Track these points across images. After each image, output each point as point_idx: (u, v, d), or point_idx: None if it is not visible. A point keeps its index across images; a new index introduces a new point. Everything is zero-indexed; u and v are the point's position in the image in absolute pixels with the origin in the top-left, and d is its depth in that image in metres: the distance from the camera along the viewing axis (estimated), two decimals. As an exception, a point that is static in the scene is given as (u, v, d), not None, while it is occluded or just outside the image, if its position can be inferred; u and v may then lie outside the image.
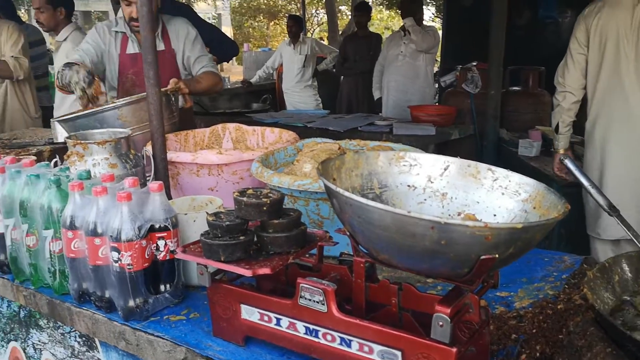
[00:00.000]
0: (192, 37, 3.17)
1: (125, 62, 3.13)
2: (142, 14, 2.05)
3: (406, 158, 1.36)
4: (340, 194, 1.05)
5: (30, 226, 1.73)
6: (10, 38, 4.03)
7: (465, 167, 1.33)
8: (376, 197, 1.31)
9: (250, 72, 9.00)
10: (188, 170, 2.24)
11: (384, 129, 4.47)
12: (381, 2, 22.52)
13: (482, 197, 1.30)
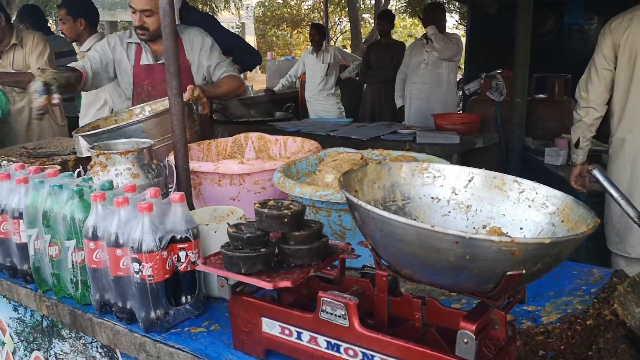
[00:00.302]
0: (207, 46, 3.15)
1: (139, 73, 3.13)
2: (164, 24, 2.05)
3: (430, 169, 1.34)
4: (362, 207, 1.03)
5: (53, 236, 1.73)
6: (35, 49, 4.07)
7: (491, 178, 1.31)
8: (399, 209, 1.29)
9: (273, 80, 9.03)
10: (210, 180, 2.23)
11: (407, 138, 4.43)
12: (404, 9, 22.46)
13: (508, 209, 1.27)
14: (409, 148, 4.28)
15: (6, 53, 4.05)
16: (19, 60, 4.07)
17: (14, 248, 1.90)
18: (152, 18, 2.92)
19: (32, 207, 1.78)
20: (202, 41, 3.14)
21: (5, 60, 4.05)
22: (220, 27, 4.04)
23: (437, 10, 5.73)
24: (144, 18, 2.93)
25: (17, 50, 4.07)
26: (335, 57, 7.33)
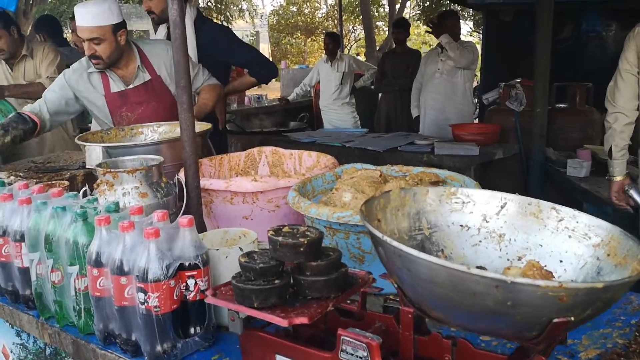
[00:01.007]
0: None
1: (113, 101, 2.99)
2: (175, 36, 1.96)
3: (458, 194, 1.23)
4: (387, 243, 0.92)
5: (56, 261, 1.64)
6: (45, 58, 4.02)
7: (525, 205, 1.20)
8: (425, 239, 1.18)
9: (287, 89, 8.95)
10: (222, 198, 2.14)
11: (425, 149, 4.31)
12: (418, 17, 22.37)
13: (546, 239, 1.16)
14: (427, 159, 4.17)
15: (17, 65, 4.02)
16: (30, 71, 4.03)
17: (15, 272, 1.81)
18: (102, 46, 2.78)
19: (34, 230, 1.69)
20: (168, 55, 2.99)
21: (17, 72, 4.01)
22: (236, 39, 3.95)
23: (449, 18, 5.60)
24: (93, 46, 2.79)
25: (27, 61, 4.03)
26: (350, 66, 7.23)
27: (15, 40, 3.91)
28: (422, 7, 21.75)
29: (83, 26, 2.77)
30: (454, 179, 2.06)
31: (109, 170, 1.91)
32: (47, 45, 4.17)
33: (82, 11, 2.78)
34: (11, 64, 3.99)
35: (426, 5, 21.02)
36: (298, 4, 26.42)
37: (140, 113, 2.96)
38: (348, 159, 4.48)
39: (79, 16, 2.78)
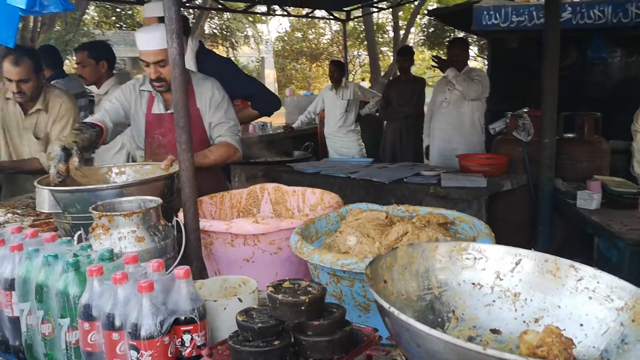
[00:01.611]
0: (216, 100, 2.99)
1: (151, 122, 3.00)
2: (174, 75, 1.92)
3: (469, 250, 1.15)
4: (394, 315, 0.85)
5: (46, 312, 1.56)
6: (59, 120, 3.70)
7: (542, 262, 1.12)
8: (435, 299, 1.11)
9: (292, 116, 8.93)
10: (222, 240, 2.07)
11: (432, 181, 4.23)
12: (423, 42, 22.47)
13: (565, 300, 1.08)
14: (433, 192, 4.09)
15: (30, 115, 3.70)
16: (41, 126, 3.72)
17: (6, 321, 1.73)
18: (167, 68, 2.74)
19: (24, 279, 1.62)
20: (211, 94, 2.97)
21: (29, 121, 3.71)
22: (238, 71, 3.91)
23: (456, 46, 5.52)
24: (159, 69, 2.78)
25: (41, 114, 3.70)
26: (355, 94, 7.20)
27: (39, 88, 3.62)
28: (426, 33, 21.85)
29: (148, 50, 2.76)
30: (462, 220, 1.98)
31: (105, 213, 1.84)
32: (65, 101, 3.77)
33: (146, 36, 2.75)
34: (25, 110, 3.69)
35: (430, 31, 21.11)
36: (303, 30, 26.60)
37: (171, 139, 2.89)
38: (353, 190, 4.45)
39: (143, 41, 2.76)
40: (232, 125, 3.03)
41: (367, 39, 16.35)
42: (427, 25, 21.31)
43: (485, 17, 7.34)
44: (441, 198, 4.05)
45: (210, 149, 2.97)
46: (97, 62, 4.27)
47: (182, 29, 1.90)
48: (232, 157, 3.04)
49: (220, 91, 3.01)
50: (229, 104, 3.06)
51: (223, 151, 2.98)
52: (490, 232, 1.76)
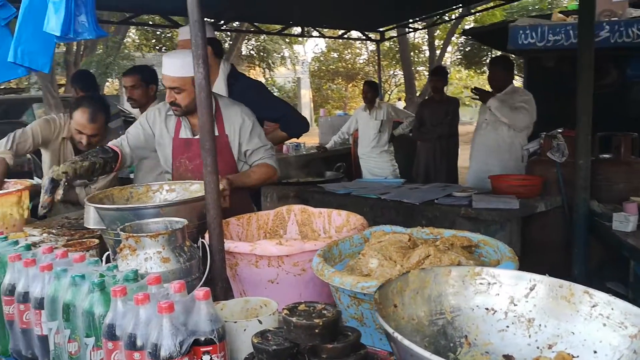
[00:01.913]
0: (248, 127, 3.03)
1: (178, 147, 3.05)
2: (200, 99, 1.96)
3: (483, 275, 1.15)
4: (398, 341, 0.85)
5: (73, 331, 1.61)
6: None
7: (556, 287, 1.11)
8: (447, 323, 1.11)
9: (326, 137, 8.98)
10: (247, 261, 2.09)
11: (463, 202, 4.20)
12: (459, 62, 22.39)
13: (579, 327, 1.07)
14: (464, 213, 4.06)
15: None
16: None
17: (35, 339, 1.79)
18: (182, 95, 2.84)
19: (53, 298, 1.67)
20: (241, 121, 3.02)
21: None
22: (268, 94, 3.97)
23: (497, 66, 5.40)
24: (174, 94, 2.86)
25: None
26: (389, 114, 7.23)
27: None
28: (463, 52, 21.77)
29: (166, 75, 2.85)
30: (487, 243, 1.97)
31: (132, 235, 1.89)
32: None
33: (168, 61, 2.85)
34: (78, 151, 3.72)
35: (467, 50, 21.03)
36: (339, 51, 26.78)
37: (198, 165, 2.96)
38: (384, 211, 4.44)
39: (165, 65, 2.86)
40: (269, 147, 3.11)
41: (402, 59, 16.36)
42: (464, 45, 21.24)
43: (521, 36, 7.27)
44: (472, 220, 4.02)
45: (252, 169, 3.04)
46: (147, 85, 4.41)
47: (207, 55, 1.94)
48: (272, 177, 3.12)
49: (249, 117, 3.05)
50: (260, 128, 3.11)
51: (264, 171, 3.05)
52: (514, 256, 1.74)
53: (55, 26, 2.22)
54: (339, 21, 8.57)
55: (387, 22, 9.11)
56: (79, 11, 2.28)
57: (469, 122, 26.49)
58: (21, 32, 2.38)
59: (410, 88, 15.78)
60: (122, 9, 6.97)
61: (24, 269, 1.81)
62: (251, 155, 3.06)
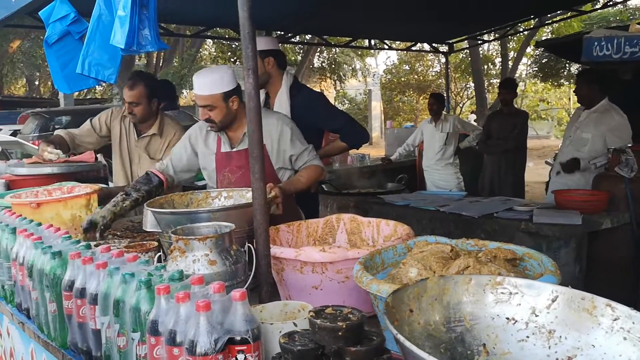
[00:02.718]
0: (287, 134, 3.09)
1: (221, 160, 3.15)
2: (249, 107, 2.04)
3: (504, 285, 1.16)
4: (405, 346, 0.88)
5: (122, 326, 1.71)
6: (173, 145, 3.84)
7: (578, 299, 1.10)
8: (466, 331, 1.12)
9: (392, 148, 8.99)
10: (292, 267, 2.15)
11: (523, 216, 4.11)
12: (535, 74, 21.82)
13: (599, 340, 1.06)
14: (524, 227, 3.98)
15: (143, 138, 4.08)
16: (154, 147, 4.10)
17: (90, 333, 1.90)
18: (214, 112, 2.94)
19: (105, 294, 1.77)
20: (280, 130, 3.09)
21: (141, 142, 4.10)
22: (329, 105, 4.05)
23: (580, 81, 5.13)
24: (207, 112, 2.95)
25: (154, 138, 4.08)
26: (455, 127, 7.16)
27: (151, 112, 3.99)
28: (539, 64, 21.20)
29: (197, 94, 2.97)
30: (531, 256, 1.94)
31: (181, 237, 1.98)
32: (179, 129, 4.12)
33: (197, 81, 2.96)
34: (140, 131, 4.08)
35: (544, 62, 20.46)
36: (411, 63, 26.66)
37: (239, 177, 3.06)
38: (442, 224, 4.41)
39: (195, 85, 2.98)
40: (310, 148, 3.18)
41: (473, 71, 16.12)
42: (540, 56, 20.70)
43: (595, 48, 7.04)
44: (533, 235, 3.93)
45: (301, 173, 3.11)
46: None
47: (257, 66, 2.03)
48: (320, 176, 3.20)
49: (287, 124, 3.12)
50: (298, 131, 3.18)
51: (312, 172, 3.12)
52: (556, 270, 1.72)
53: (120, 39, 2.37)
54: (406, 33, 8.56)
55: (456, 34, 9.03)
56: (143, 25, 2.42)
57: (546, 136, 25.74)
58: (89, 45, 2.54)
59: (481, 101, 15.52)
60: (196, 23, 7.24)
61: (82, 266, 1.93)
62: (297, 160, 3.13)
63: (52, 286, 2.08)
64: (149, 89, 3.91)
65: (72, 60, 2.95)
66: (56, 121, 14.91)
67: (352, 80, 25.63)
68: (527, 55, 21.37)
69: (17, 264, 2.37)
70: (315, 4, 6.05)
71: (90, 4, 2.61)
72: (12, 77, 26.97)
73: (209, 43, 22.12)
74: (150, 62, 18.09)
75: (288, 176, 3.16)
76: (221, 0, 5.04)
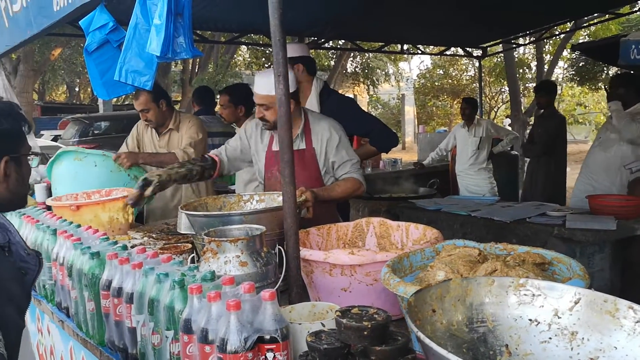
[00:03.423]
0: (335, 141, 3.13)
1: (270, 158, 3.21)
2: (280, 113, 2.08)
3: (527, 287, 1.17)
4: (427, 344, 0.90)
5: (156, 325, 1.77)
6: (187, 131, 4.25)
7: (601, 302, 1.11)
8: (488, 331, 1.14)
9: (424, 153, 8.96)
10: (321, 269, 2.18)
11: (556, 222, 4.07)
12: (571, 77, 21.45)
13: (621, 342, 1.07)
14: (557, 232, 3.94)
15: (164, 135, 4.29)
16: (174, 142, 4.28)
17: (126, 331, 1.97)
18: (269, 111, 2.99)
19: (141, 293, 1.84)
20: (329, 135, 3.12)
21: (162, 141, 4.30)
22: (358, 110, 4.09)
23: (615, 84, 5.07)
24: (262, 111, 3.02)
25: (173, 133, 4.28)
26: (488, 131, 7.11)
27: (164, 113, 4.18)
28: (576, 68, 20.82)
29: (256, 93, 3.04)
30: (560, 260, 1.94)
31: (214, 239, 2.03)
32: (193, 119, 4.40)
33: (258, 80, 3.04)
34: (159, 132, 4.31)
35: (580, 65, 20.09)
36: (445, 67, 26.48)
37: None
38: (473, 229, 4.40)
39: (255, 84, 3.05)
40: (355, 161, 3.18)
41: (507, 75, 15.94)
42: (577, 60, 20.34)
43: (633, 51, 6.93)
44: (566, 240, 3.89)
45: (338, 182, 3.14)
46: (235, 106, 4.69)
47: (287, 72, 2.07)
48: (357, 191, 3.18)
49: (337, 131, 3.14)
50: (348, 142, 3.20)
51: (349, 185, 3.13)
52: (584, 274, 1.72)
53: (156, 47, 2.44)
54: (439, 38, 8.55)
55: (490, 38, 8.98)
56: (178, 33, 2.49)
57: (584, 140, 25.29)
58: (127, 52, 2.63)
59: (515, 105, 15.33)
60: (230, 30, 7.36)
61: (119, 266, 2.00)
62: (338, 169, 3.15)
63: (90, 285, 2.16)
64: (153, 93, 4.04)
65: (111, 67, 3.05)
66: (95, 126, 15.29)
67: (386, 85, 25.57)
68: (564, 59, 21.02)
69: (57, 264, 2.46)
70: (348, 10, 6.10)
71: (128, 13, 2.70)
72: (54, 84, 27.72)
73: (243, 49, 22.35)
74: (185, 69, 18.38)
75: (332, 182, 3.20)
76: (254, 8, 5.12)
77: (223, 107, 4.80)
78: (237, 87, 5.17)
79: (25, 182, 1.86)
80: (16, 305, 1.55)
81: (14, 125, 1.76)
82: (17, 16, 3.73)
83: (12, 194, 1.78)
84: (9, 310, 1.49)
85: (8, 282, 1.53)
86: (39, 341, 3.11)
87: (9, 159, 1.74)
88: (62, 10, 3.10)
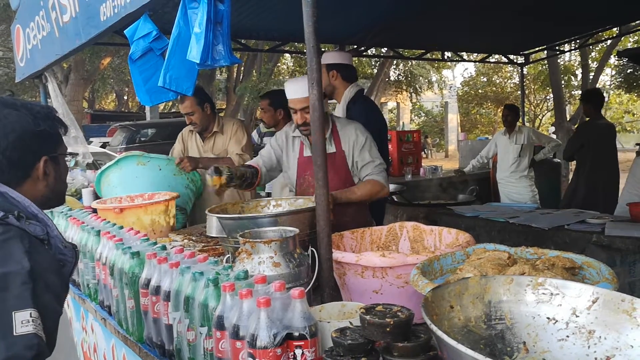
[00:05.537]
0: (360, 142, 3.19)
1: (302, 165, 3.28)
2: (313, 118, 2.14)
3: (546, 285, 1.20)
4: (442, 339, 0.94)
5: (191, 321, 1.84)
6: (234, 136, 4.39)
7: (618, 301, 1.13)
8: (506, 329, 1.17)
9: (465, 160, 8.90)
10: (353, 271, 2.22)
11: (595, 229, 4.01)
12: (619, 84, 20.96)
13: (638, 340, 1.09)
14: (596, 240, 3.89)
15: (209, 139, 4.44)
16: (219, 145, 4.42)
17: (163, 328, 2.04)
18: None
19: (177, 291, 1.91)
20: (355, 137, 3.19)
21: (207, 145, 4.44)
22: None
23: None
24: (305, 115, 3.06)
25: (217, 136, 4.42)
26: (529, 138, 7.03)
27: (208, 116, 4.34)
28: (623, 74, 20.34)
29: (296, 98, 3.09)
30: (590, 265, 1.94)
31: (248, 240, 2.10)
32: (236, 122, 4.55)
33: (294, 86, 3.10)
34: (203, 137, 4.45)
35: (628, 72, 19.63)
36: (488, 75, 26.21)
37: None
38: (511, 235, 4.37)
39: (291, 91, 3.11)
40: (378, 163, 3.22)
41: (552, 83, 15.68)
42: (625, 67, 19.88)
43: (681, 57, 6.80)
44: (606, 248, 3.83)
45: (358, 185, 3.20)
46: (275, 110, 4.80)
47: (321, 78, 2.13)
48: (379, 193, 3.22)
49: (363, 133, 3.22)
50: (373, 144, 3.25)
51: (370, 187, 3.18)
52: (612, 278, 1.72)
53: (196, 54, 2.53)
54: (481, 45, 8.50)
55: (533, 45, 8.88)
56: (217, 41, 2.58)
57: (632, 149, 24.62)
58: (170, 60, 2.73)
59: (560, 112, 15.06)
60: (272, 38, 7.48)
61: (158, 265, 2.09)
62: (361, 170, 3.21)
63: (130, 284, 2.25)
64: (197, 97, 4.21)
65: (154, 74, 3.16)
66: (142, 133, 15.66)
67: (429, 93, 25.45)
68: (611, 66, 20.57)
69: (100, 264, 2.57)
70: (389, 17, 6.13)
71: (171, 22, 2.80)
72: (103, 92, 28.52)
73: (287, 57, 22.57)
74: (230, 76, 18.69)
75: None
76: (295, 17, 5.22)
77: (263, 110, 4.95)
78: (277, 91, 5.30)
79: (63, 180, 1.96)
80: (55, 294, 1.64)
81: (52, 128, 1.87)
82: (66, 26, 3.89)
83: (51, 192, 1.88)
84: (48, 298, 1.58)
85: (48, 272, 1.62)
86: (83, 339, 3.23)
87: (47, 158, 1.84)
88: (108, 20, 3.23)
